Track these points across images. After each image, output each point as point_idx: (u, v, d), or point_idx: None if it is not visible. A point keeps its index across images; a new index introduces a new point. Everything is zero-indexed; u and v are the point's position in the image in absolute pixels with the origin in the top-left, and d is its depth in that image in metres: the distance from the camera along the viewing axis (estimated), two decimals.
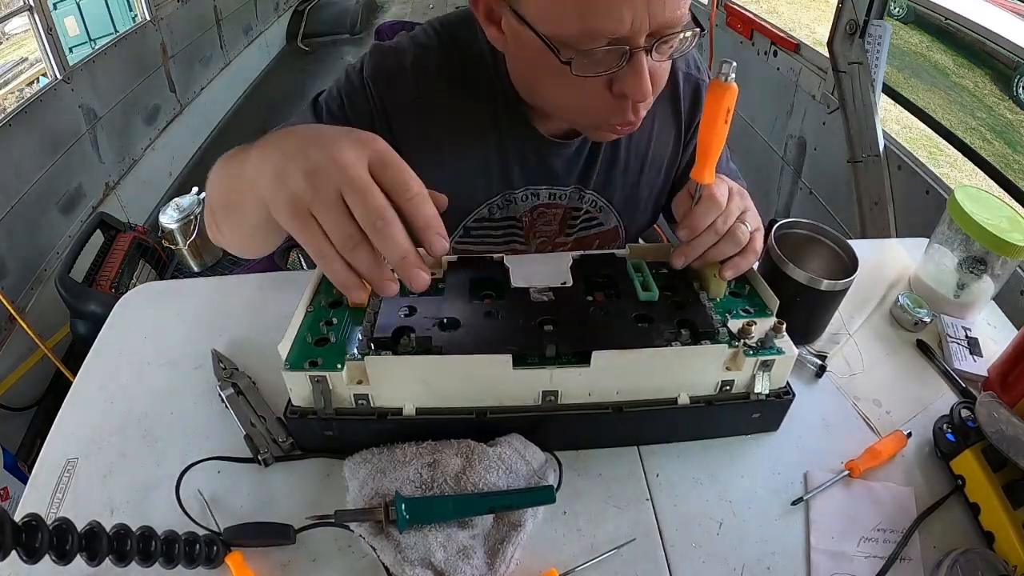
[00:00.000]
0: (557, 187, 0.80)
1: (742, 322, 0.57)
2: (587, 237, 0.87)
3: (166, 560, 0.47)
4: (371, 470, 0.55)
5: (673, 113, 0.81)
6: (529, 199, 0.81)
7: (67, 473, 0.59)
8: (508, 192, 0.79)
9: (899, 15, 3.31)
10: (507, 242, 0.85)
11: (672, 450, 0.60)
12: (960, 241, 0.75)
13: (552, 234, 0.86)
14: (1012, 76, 3.54)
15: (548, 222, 0.84)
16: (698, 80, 0.81)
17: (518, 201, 0.80)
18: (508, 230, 0.84)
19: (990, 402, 0.56)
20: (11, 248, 1.88)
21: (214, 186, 0.58)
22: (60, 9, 3.08)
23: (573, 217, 0.84)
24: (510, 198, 0.80)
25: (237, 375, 0.67)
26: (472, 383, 0.56)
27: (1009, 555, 0.52)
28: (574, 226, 0.85)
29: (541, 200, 0.81)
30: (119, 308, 0.79)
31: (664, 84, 0.64)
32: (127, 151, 2.67)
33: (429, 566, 0.49)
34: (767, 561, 0.52)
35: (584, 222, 0.85)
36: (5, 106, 2.84)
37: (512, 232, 0.84)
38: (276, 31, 4.80)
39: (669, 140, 0.82)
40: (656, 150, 0.82)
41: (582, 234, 0.86)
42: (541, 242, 0.86)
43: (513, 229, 0.84)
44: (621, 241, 0.89)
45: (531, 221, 0.83)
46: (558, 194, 0.81)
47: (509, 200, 0.80)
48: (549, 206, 0.82)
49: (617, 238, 0.88)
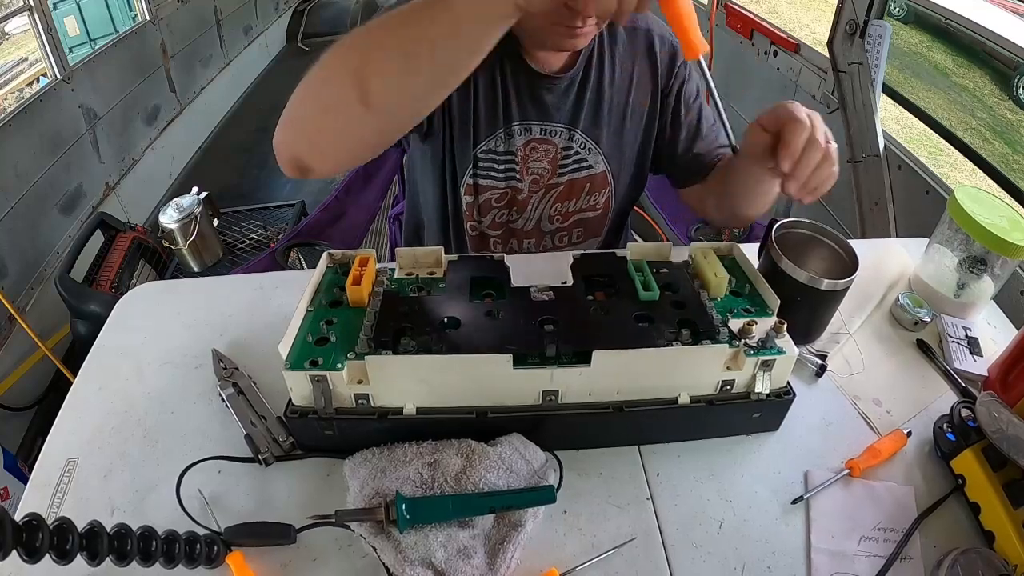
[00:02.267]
0: (548, 123, 0.86)
1: (743, 322, 0.57)
2: (578, 180, 0.92)
3: (167, 560, 0.47)
4: (371, 470, 0.55)
5: (650, 69, 0.88)
6: (523, 133, 0.86)
7: (67, 473, 0.59)
8: (507, 125, 0.86)
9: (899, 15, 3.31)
10: (507, 178, 0.90)
11: (672, 450, 0.60)
12: (960, 241, 0.75)
13: (545, 173, 0.90)
14: (1012, 76, 3.54)
15: (539, 158, 0.89)
16: (673, 43, 0.88)
17: (515, 135, 0.86)
18: (507, 165, 0.89)
19: (990, 402, 0.56)
20: (11, 248, 1.88)
21: (375, 46, 0.57)
22: (60, 9, 3.08)
23: (565, 156, 0.89)
24: (509, 131, 0.86)
25: (237, 375, 0.67)
26: (472, 383, 0.56)
27: (1009, 554, 0.52)
28: (566, 166, 0.90)
29: (534, 135, 0.87)
30: (119, 308, 0.79)
31: (615, 4, 0.66)
32: (127, 151, 2.67)
33: (429, 566, 0.49)
34: (767, 560, 0.52)
35: (575, 162, 0.90)
36: (5, 106, 2.84)
37: (510, 167, 0.89)
38: (276, 31, 4.80)
39: (647, 93, 0.89)
40: (636, 97, 0.89)
41: (574, 175, 0.91)
42: (534, 180, 0.91)
43: (511, 164, 0.88)
44: (611, 189, 0.94)
45: (524, 156, 0.88)
46: (549, 130, 0.87)
47: (509, 134, 0.86)
48: (541, 141, 0.88)
49: (606, 185, 0.93)
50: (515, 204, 0.92)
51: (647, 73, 0.88)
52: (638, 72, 0.88)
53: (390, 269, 0.66)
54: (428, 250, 0.66)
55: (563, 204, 0.94)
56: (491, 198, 0.91)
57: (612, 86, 0.87)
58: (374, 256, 0.65)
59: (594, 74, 0.85)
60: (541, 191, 0.91)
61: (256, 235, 2.12)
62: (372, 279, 0.63)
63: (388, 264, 0.69)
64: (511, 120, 0.85)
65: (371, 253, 0.65)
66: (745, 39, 2.39)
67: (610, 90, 0.87)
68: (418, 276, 0.65)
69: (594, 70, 0.85)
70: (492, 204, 0.92)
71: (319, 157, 0.63)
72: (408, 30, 0.56)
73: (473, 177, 0.89)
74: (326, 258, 0.67)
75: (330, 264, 0.68)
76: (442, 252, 0.66)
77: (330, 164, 0.64)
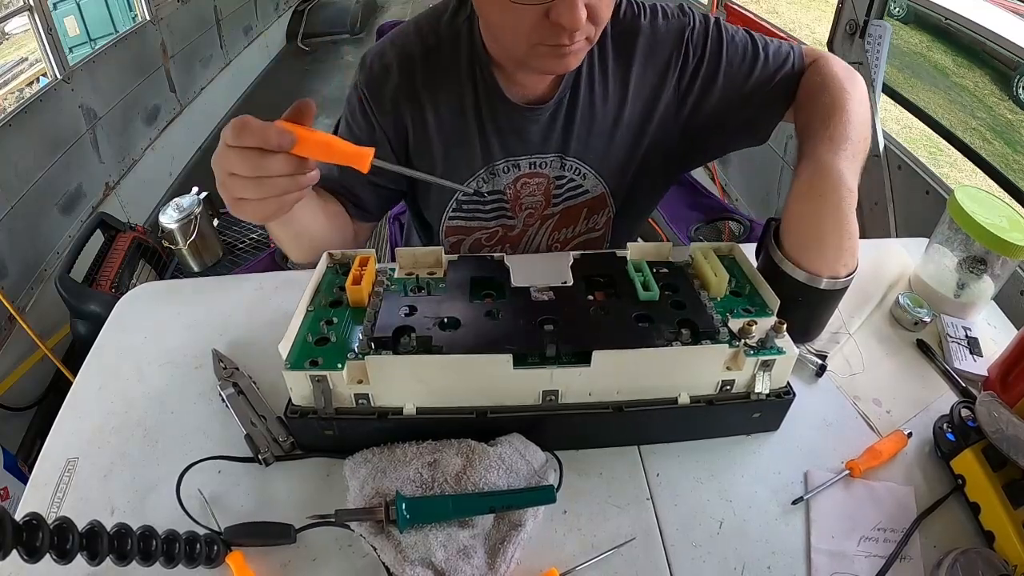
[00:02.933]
0: (536, 156, 0.83)
1: (742, 322, 0.57)
2: (574, 206, 0.88)
3: (167, 559, 0.47)
4: (371, 470, 0.55)
5: (654, 68, 0.80)
6: (511, 171, 0.83)
7: (67, 473, 0.59)
8: (490, 165, 0.82)
9: (899, 15, 3.31)
10: (496, 217, 0.87)
11: (672, 450, 0.60)
12: (960, 241, 0.75)
13: (539, 205, 0.87)
14: (1012, 76, 3.54)
15: (532, 193, 0.86)
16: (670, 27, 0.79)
17: (500, 173, 0.83)
18: (495, 204, 0.86)
19: (990, 402, 0.56)
20: (11, 248, 1.88)
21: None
22: (60, 9, 3.09)
23: (558, 187, 0.86)
24: (493, 171, 0.83)
25: (237, 375, 0.67)
26: (472, 383, 0.56)
27: (1009, 554, 0.52)
28: (559, 196, 0.86)
29: (523, 171, 0.84)
30: (119, 308, 0.79)
31: (605, 19, 0.66)
32: (127, 151, 2.67)
33: (429, 566, 0.49)
34: (767, 560, 0.52)
35: (569, 191, 0.86)
36: (5, 106, 2.84)
37: (499, 207, 0.86)
38: (276, 31, 4.80)
39: (647, 97, 0.81)
40: (632, 111, 0.82)
41: (568, 203, 0.87)
42: (528, 214, 0.88)
43: (500, 203, 0.86)
44: (611, 208, 0.89)
45: (515, 193, 0.85)
46: (538, 163, 0.83)
47: (493, 173, 0.83)
48: (532, 176, 0.84)
49: (605, 205, 0.89)
50: (507, 240, 0.90)
51: (649, 74, 0.80)
52: (636, 81, 0.80)
53: (390, 269, 0.66)
54: (428, 250, 0.66)
55: (561, 232, 0.91)
56: (480, 238, 0.90)
57: (605, 102, 0.80)
58: (374, 256, 0.65)
59: (583, 93, 0.78)
60: (537, 223, 0.89)
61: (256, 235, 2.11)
62: (372, 279, 0.63)
63: (388, 264, 0.69)
64: (492, 159, 0.82)
65: (371, 253, 0.65)
66: None
67: (603, 107, 0.80)
68: (418, 276, 0.65)
69: (583, 88, 0.78)
70: (483, 243, 0.90)
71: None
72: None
73: (457, 218, 0.87)
74: (326, 258, 0.67)
75: (330, 264, 0.68)
76: (442, 252, 0.66)
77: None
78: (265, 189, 0.53)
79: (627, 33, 0.79)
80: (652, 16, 0.80)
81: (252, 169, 0.51)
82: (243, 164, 0.51)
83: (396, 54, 0.79)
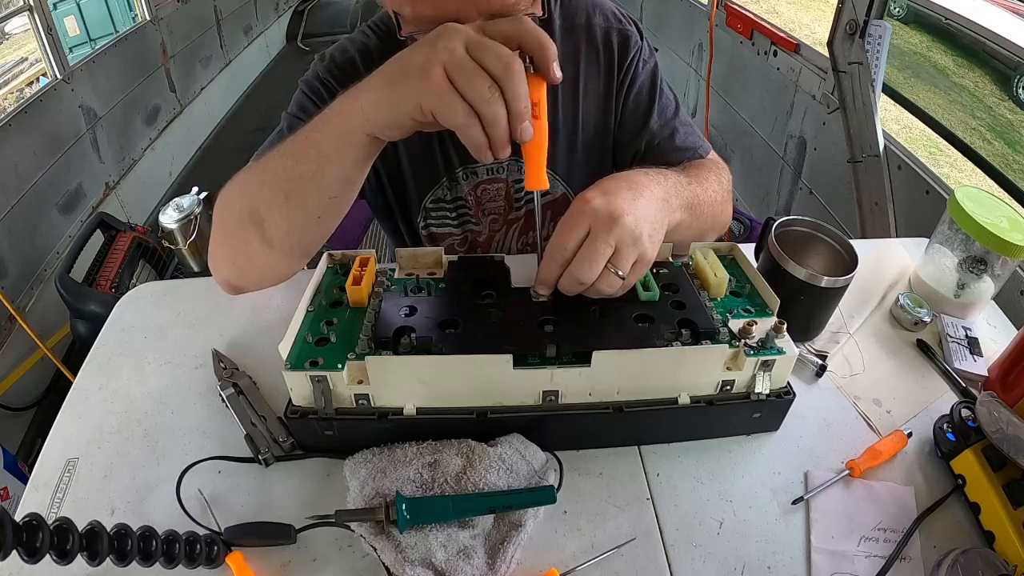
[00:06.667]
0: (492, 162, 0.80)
1: (743, 322, 0.57)
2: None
3: (167, 560, 0.47)
4: (371, 470, 0.55)
5: (599, 68, 0.81)
6: (469, 178, 0.84)
7: (67, 473, 0.59)
8: (451, 172, 0.83)
9: (899, 15, 3.31)
10: (462, 223, 0.88)
11: (672, 450, 0.60)
12: (960, 241, 0.75)
13: (501, 210, 0.88)
14: (1012, 76, 3.54)
15: (492, 198, 0.87)
16: (619, 30, 0.81)
17: (460, 180, 0.84)
18: (460, 210, 0.87)
19: (990, 402, 0.56)
20: (11, 248, 1.88)
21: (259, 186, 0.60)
22: (60, 9, 3.09)
23: (517, 190, 0.86)
24: (454, 178, 0.84)
25: (237, 375, 0.67)
26: (472, 383, 0.56)
27: (1009, 554, 0.52)
28: (520, 199, 0.87)
29: (481, 177, 0.85)
30: (119, 308, 0.79)
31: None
32: (127, 151, 2.67)
33: (430, 566, 0.49)
34: (767, 561, 0.52)
35: (529, 194, 0.85)
36: (5, 106, 2.84)
37: (463, 212, 0.87)
38: (276, 31, 4.80)
39: (599, 96, 0.82)
40: (586, 108, 0.82)
41: (530, 205, 0.87)
42: (492, 219, 0.89)
43: (463, 209, 0.87)
44: None
45: (476, 199, 0.86)
46: (495, 168, 0.84)
47: (454, 180, 0.84)
48: (491, 181, 0.85)
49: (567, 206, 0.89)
50: (477, 246, 0.90)
51: (595, 74, 0.81)
52: (584, 78, 0.80)
53: (390, 269, 0.66)
54: (428, 250, 0.66)
55: (529, 235, 0.90)
56: (452, 243, 0.90)
57: (556, 105, 0.80)
58: (374, 256, 0.65)
59: None
60: (503, 228, 0.89)
61: None
62: (372, 279, 0.63)
63: (388, 264, 0.69)
64: (452, 167, 0.82)
65: (371, 253, 0.65)
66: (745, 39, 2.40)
67: (553, 110, 0.79)
68: (418, 276, 0.65)
69: None
70: (455, 248, 0.91)
71: (250, 281, 0.71)
72: (282, 169, 0.58)
73: (427, 228, 0.88)
74: (326, 258, 0.67)
75: (330, 264, 0.68)
76: (442, 252, 0.66)
77: (264, 285, 0.71)
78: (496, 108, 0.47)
79: (573, 26, 0.80)
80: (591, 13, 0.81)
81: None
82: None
83: (356, 49, 0.78)
